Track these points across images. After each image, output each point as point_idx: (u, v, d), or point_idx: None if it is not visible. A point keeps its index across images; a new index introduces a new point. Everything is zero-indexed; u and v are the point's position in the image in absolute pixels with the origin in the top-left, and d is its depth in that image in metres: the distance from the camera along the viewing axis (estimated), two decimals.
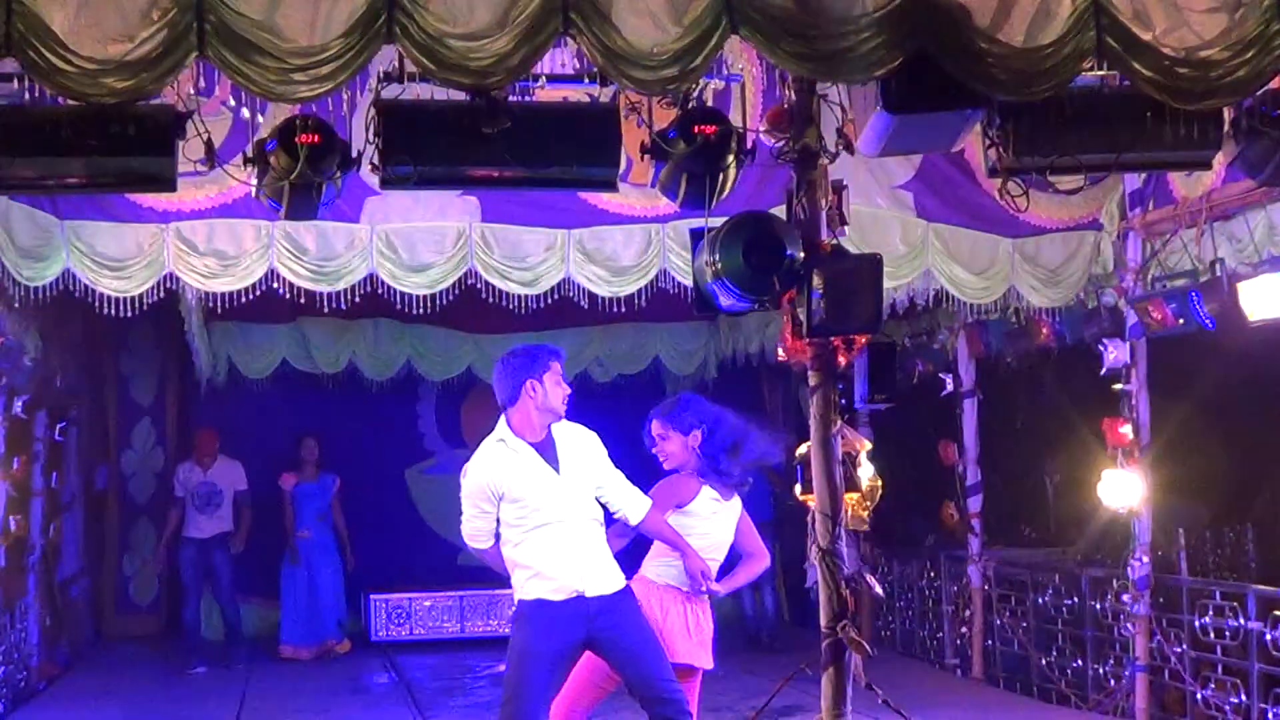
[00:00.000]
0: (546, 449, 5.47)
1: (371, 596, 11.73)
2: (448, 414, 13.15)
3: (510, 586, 5.56)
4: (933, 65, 4.91)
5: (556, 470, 5.44)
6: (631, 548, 5.79)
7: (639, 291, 7.89)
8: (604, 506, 5.57)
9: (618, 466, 5.63)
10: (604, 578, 5.44)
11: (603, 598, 5.40)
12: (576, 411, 5.85)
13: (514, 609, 5.57)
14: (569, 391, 5.52)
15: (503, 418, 5.53)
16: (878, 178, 7.82)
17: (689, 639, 5.68)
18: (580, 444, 5.55)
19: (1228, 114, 5.44)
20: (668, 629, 5.63)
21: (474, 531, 5.62)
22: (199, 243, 7.27)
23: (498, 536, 5.56)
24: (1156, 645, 8.06)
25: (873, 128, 5.29)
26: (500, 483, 5.45)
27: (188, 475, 10.96)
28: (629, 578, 5.63)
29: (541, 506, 5.41)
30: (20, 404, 8.76)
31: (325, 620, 11.32)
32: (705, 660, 5.73)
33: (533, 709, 5.32)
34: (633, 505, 5.57)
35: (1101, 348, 8.24)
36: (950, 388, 10.16)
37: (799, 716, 8.22)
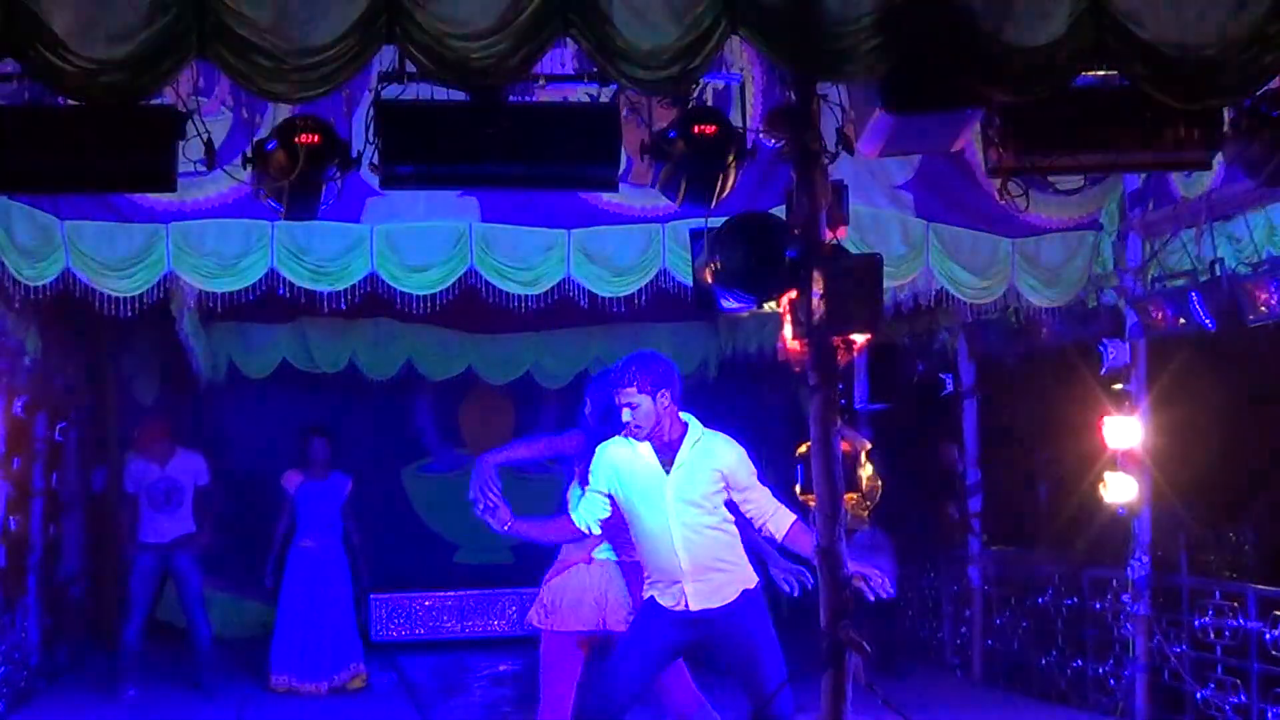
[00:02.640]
0: (666, 451, 5.60)
1: (371, 596, 11.73)
2: (445, 413, 13.17)
3: (508, 586, 5.66)
4: (933, 65, 4.91)
5: (666, 472, 5.55)
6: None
7: (639, 291, 7.89)
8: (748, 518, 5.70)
9: None
10: (710, 591, 5.57)
11: (708, 612, 5.56)
12: (576, 410, 5.88)
13: None
14: (628, 420, 5.58)
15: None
16: (878, 178, 7.81)
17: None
18: (709, 447, 5.62)
19: (1228, 114, 5.44)
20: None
21: (579, 512, 5.79)
22: (199, 243, 7.27)
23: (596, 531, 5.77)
24: (1156, 645, 8.06)
25: (873, 128, 5.29)
26: (608, 473, 5.65)
27: (142, 470, 9.67)
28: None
29: (642, 508, 5.58)
30: (20, 404, 8.76)
31: (330, 650, 9.70)
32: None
33: (614, 694, 5.53)
34: (769, 512, 5.66)
35: (1101, 348, 8.25)
36: (950, 388, 10.16)
37: (799, 716, 8.22)
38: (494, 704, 9.44)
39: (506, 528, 5.78)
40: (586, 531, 5.76)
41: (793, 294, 5.34)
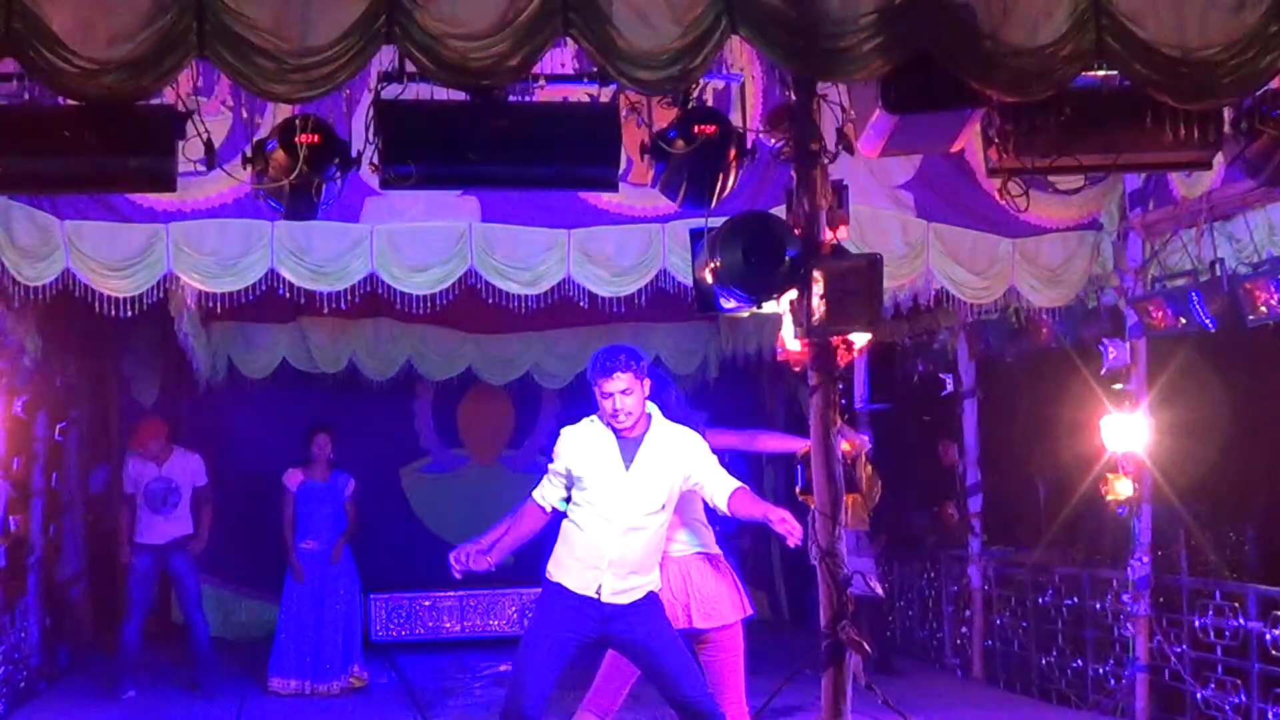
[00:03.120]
0: (630, 445, 5.57)
1: (371, 596, 11.72)
2: (444, 413, 13.18)
3: (508, 586, 5.64)
4: (933, 65, 4.91)
5: (626, 468, 5.52)
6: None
7: (639, 291, 7.89)
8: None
9: None
10: (627, 588, 5.54)
11: (618, 606, 5.52)
12: (577, 409, 5.87)
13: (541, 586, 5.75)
14: (611, 410, 5.53)
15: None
16: (878, 178, 7.81)
17: (731, 594, 5.97)
18: (670, 448, 5.59)
19: (1228, 114, 5.44)
20: (706, 594, 5.91)
21: (539, 492, 5.75)
22: (199, 243, 7.27)
23: (555, 515, 5.72)
24: (1156, 645, 8.06)
25: (873, 128, 5.29)
26: (570, 457, 5.60)
27: (139, 471, 9.59)
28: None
29: (594, 494, 5.54)
30: (20, 404, 8.75)
31: (331, 653, 9.62)
32: (747, 607, 6.08)
33: (529, 688, 5.49)
34: (719, 490, 5.63)
35: (1101, 348, 8.24)
36: (950, 388, 10.16)
37: (799, 716, 8.23)
38: (494, 704, 9.43)
39: (490, 563, 5.80)
40: (549, 512, 5.70)
41: (793, 294, 5.34)
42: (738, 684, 6.02)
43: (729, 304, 5.55)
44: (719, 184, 5.42)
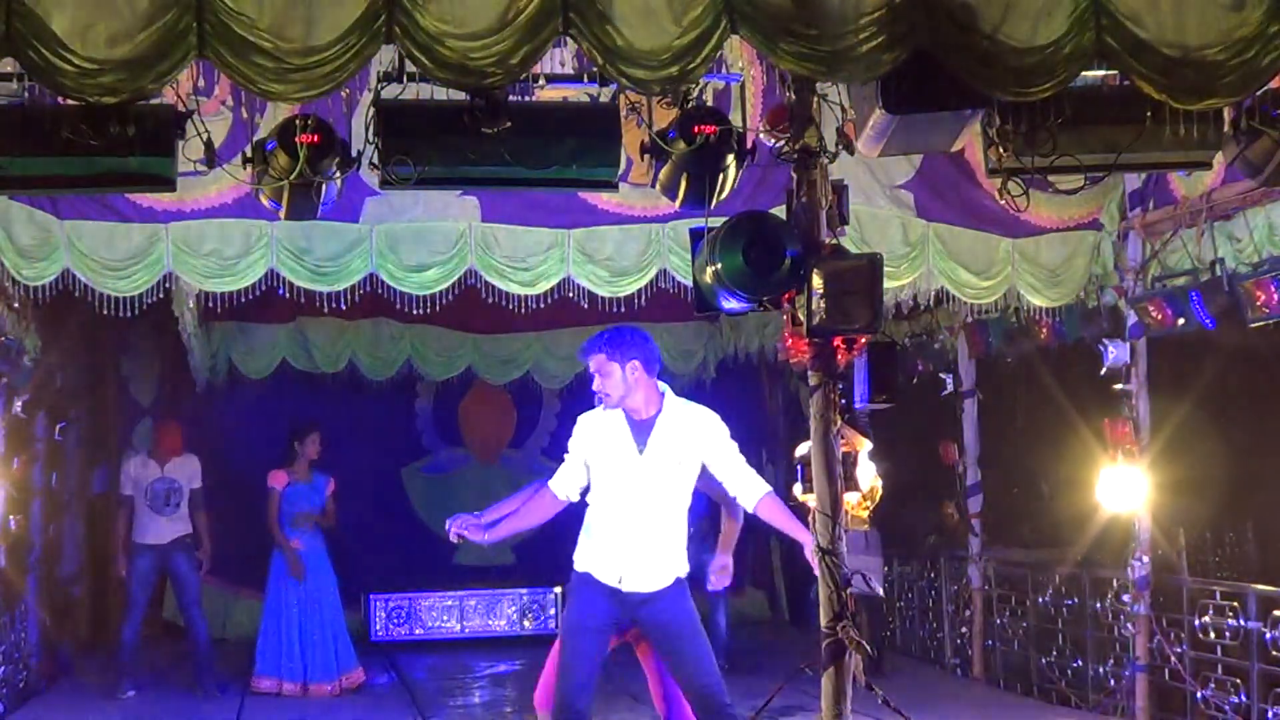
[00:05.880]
0: (642, 428, 5.60)
1: (371, 596, 11.72)
2: (445, 412, 13.18)
3: (508, 586, 5.64)
4: (933, 65, 4.91)
5: (640, 451, 5.55)
6: None
7: (639, 291, 7.89)
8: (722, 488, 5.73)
9: None
10: (649, 574, 5.56)
11: (641, 594, 5.55)
12: (577, 409, 5.87)
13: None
14: (596, 389, 5.64)
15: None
16: (878, 178, 7.81)
17: None
18: (684, 428, 5.60)
19: (1228, 114, 5.44)
20: None
21: (556, 479, 5.78)
22: (199, 243, 7.27)
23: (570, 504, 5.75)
24: (1156, 645, 8.06)
25: (873, 128, 5.29)
26: (584, 443, 5.66)
27: (140, 471, 9.57)
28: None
29: (610, 481, 5.58)
30: (20, 404, 8.76)
31: (317, 652, 9.60)
32: None
33: (575, 681, 5.52)
34: (745, 489, 5.65)
35: (1101, 348, 8.25)
36: (950, 388, 10.16)
37: (799, 716, 8.23)
38: (494, 704, 9.44)
39: (485, 538, 5.80)
40: (568, 501, 5.75)
41: (793, 294, 5.34)
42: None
43: (729, 304, 5.55)
44: (719, 184, 5.42)
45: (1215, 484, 8.50)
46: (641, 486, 5.57)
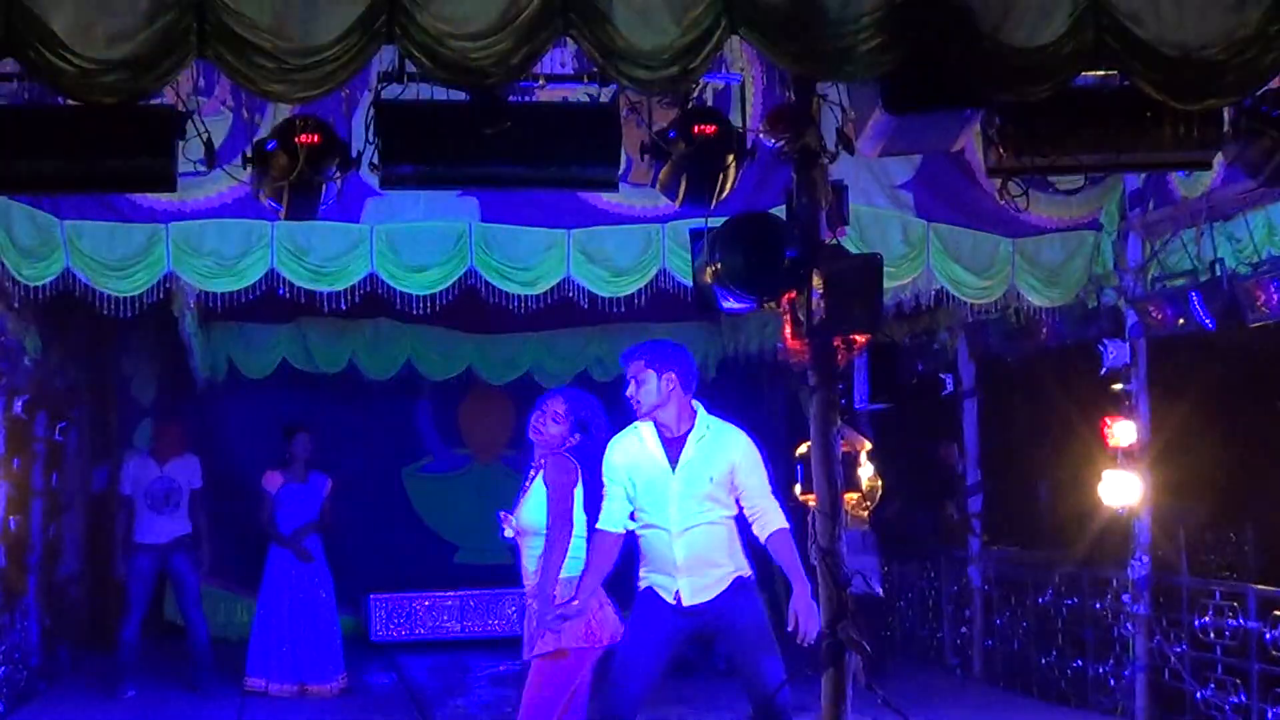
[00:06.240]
0: (674, 444, 5.58)
1: (371, 596, 11.72)
2: (445, 413, 13.18)
3: (508, 586, 5.63)
4: (933, 65, 4.91)
5: (672, 468, 5.53)
6: None
7: (639, 291, 7.89)
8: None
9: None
10: (704, 585, 5.53)
11: (701, 604, 5.53)
12: (576, 410, 5.87)
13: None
14: (630, 395, 5.62)
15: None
16: (878, 178, 7.81)
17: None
18: (716, 444, 5.58)
19: (1228, 114, 5.44)
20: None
21: (603, 518, 5.67)
22: (199, 243, 7.26)
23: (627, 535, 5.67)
24: (1156, 645, 8.06)
25: (873, 127, 5.29)
26: (617, 466, 5.62)
27: (140, 470, 9.64)
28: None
29: (646, 501, 5.57)
30: (20, 404, 8.76)
31: (308, 653, 9.51)
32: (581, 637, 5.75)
33: (628, 696, 5.52)
34: (763, 517, 5.58)
35: (1101, 348, 8.25)
36: (950, 388, 10.16)
37: (799, 716, 8.21)
38: (494, 704, 9.44)
39: (576, 605, 5.68)
40: (624, 532, 5.67)
41: (793, 294, 5.34)
42: None
43: (729, 304, 5.55)
44: (719, 184, 5.42)
45: (1215, 484, 8.49)
46: (678, 502, 5.53)
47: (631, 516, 5.65)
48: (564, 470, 5.70)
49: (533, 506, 5.78)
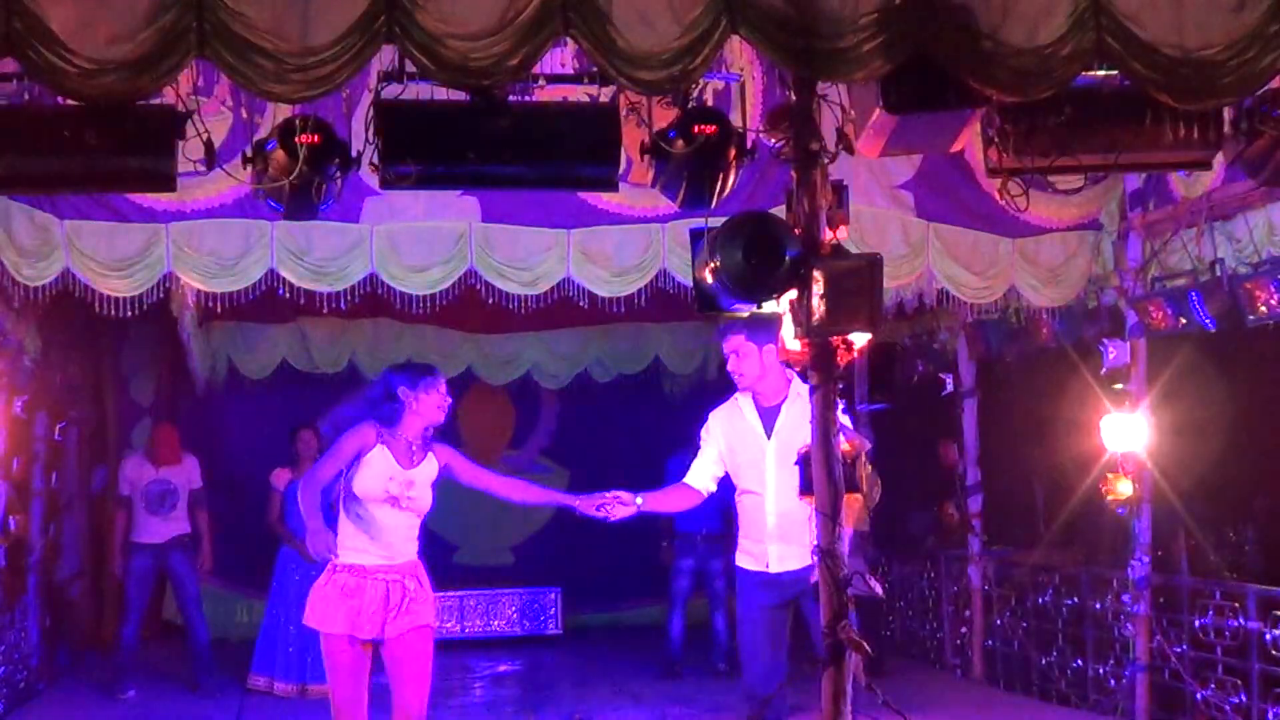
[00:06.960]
0: (769, 414, 5.85)
1: None
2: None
3: (508, 586, 5.66)
4: (933, 65, 4.91)
5: (767, 436, 5.79)
6: None
7: (639, 291, 7.89)
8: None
9: (618, 462, 5.69)
10: (796, 553, 5.73)
11: (791, 572, 5.79)
12: (577, 409, 5.88)
13: None
14: (732, 368, 5.88)
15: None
16: (878, 178, 7.82)
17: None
18: (809, 411, 5.62)
19: (1228, 114, 5.44)
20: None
21: (691, 473, 6.05)
22: (199, 243, 7.27)
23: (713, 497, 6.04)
24: (1156, 645, 8.06)
25: (873, 128, 5.29)
26: (716, 435, 5.94)
27: (137, 472, 9.68)
28: None
29: (744, 469, 5.85)
30: (20, 404, 8.76)
31: (313, 652, 8.71)
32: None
33: (755, 669, 5.83)
34: None
35: (1101, 348, 8.25)
36: (950, 388, 10.16)
37: (799, 716, 8.22)
38: (494, 704, 9.44)
39: (629, 514, 5.94)
40: (705, 492, 5.99)
41: (793, 294, 5.34)
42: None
43: (729, 304, 5.55)
44: (719, 184, 5.42)
45: (1216, 483, 8.49)
46: (774, 469, 5.77)
47: (732, 486, 5.93)
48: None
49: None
